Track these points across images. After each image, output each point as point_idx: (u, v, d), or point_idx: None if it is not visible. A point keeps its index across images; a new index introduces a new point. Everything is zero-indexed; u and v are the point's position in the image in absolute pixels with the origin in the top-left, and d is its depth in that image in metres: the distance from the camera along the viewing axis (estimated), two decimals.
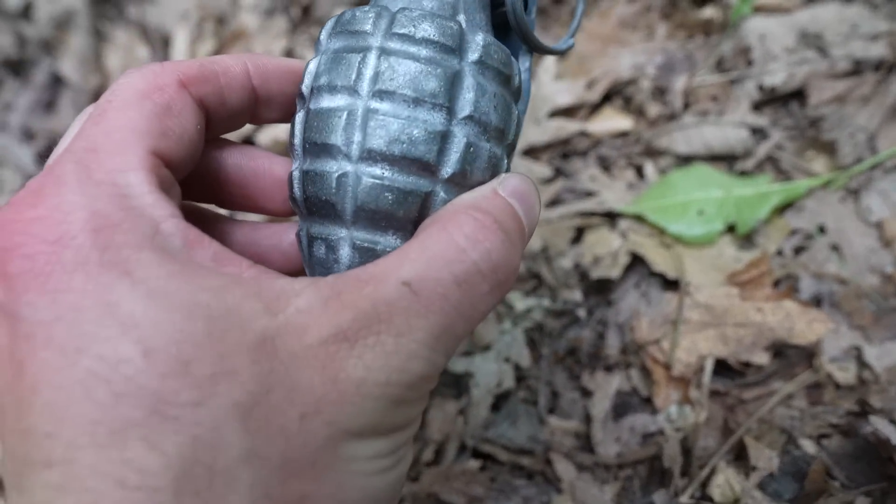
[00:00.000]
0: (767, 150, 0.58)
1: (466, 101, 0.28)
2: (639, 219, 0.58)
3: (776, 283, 0.53)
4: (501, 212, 0.27)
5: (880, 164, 0.55)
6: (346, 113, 0.28)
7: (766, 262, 0.52)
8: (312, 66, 0.30)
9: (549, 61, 0.66)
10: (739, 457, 0.47)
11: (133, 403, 0.20)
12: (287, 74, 0.32)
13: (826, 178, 0.55)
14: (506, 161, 0.31)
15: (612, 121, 0.64)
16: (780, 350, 0.51)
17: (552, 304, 0.57)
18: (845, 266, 0.53)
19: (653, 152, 0.62)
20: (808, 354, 0.50)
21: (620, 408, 0.53)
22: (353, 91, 0.28)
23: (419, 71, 0.28)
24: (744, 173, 0.58)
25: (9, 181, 0.81)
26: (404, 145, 0.27)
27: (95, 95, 0.83)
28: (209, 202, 0.35)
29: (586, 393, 0.54)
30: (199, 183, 0.33)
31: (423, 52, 0.28)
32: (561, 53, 0.35)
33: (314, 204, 0.29)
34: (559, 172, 0.63)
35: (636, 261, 0.57)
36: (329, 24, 0.31)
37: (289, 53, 0.80)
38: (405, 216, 0.28)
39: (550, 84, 0.65)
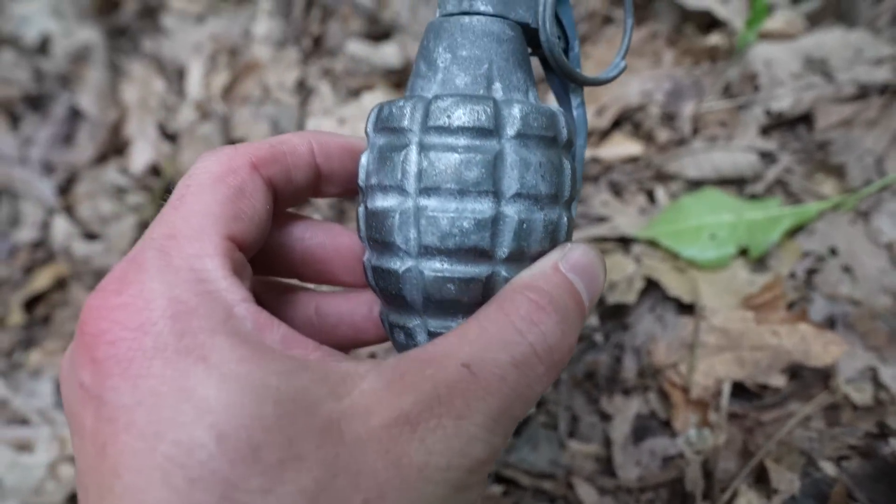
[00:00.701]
0: (777, 173, 0.59)
1: (512, 180, 0.28)
2: (652, 243, 0.59)
3: (790, 306, 0.54)
4: (559, 289, 0.27)
5: (889, 186, 0.56)
6: (398, 213, 0.29)
7: (779, 285, 0.53)
8: (364, 161, 0.31)
9: None
10: (760, 479, 0.48)
11: (205, 489, 0.21)
12: (348, 153, 0.33)
13: (836, 201, 0.56)
14: (566, 217, 0.31)
15: (622, 146, 0.65)
16: (796, 372, 0.52)
17: None
18: (858, 287, 0.54)
19: (663, 177, 0.63)
20: (824, 376, 0.51)
21: (640, 431, 0.53)
22: (401, 190, 0.29)
23: (459, 162, 0.28)
24: (754, 197, 0.59)
25: (30, 214, 0.82)
26: (457, 238, 0.28)
27: (113, 128, 0.85)
28: (292, 277, 0.37)
29: (605, 417, 0.55)
30: (284, 260, 0.35)
31: (461, 141, 0.28)
32: (612, 80, 0.34)
33: (387, 296, 0.31)
34: None
35: (651, 285, 0.58)
36: (372, 117, 0.31)
37: (301, 84, 0.82)
38: (471, 300, 0.29)
39: None
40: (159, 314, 0.23)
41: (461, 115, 0.28)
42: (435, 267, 0.29)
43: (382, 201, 0.30)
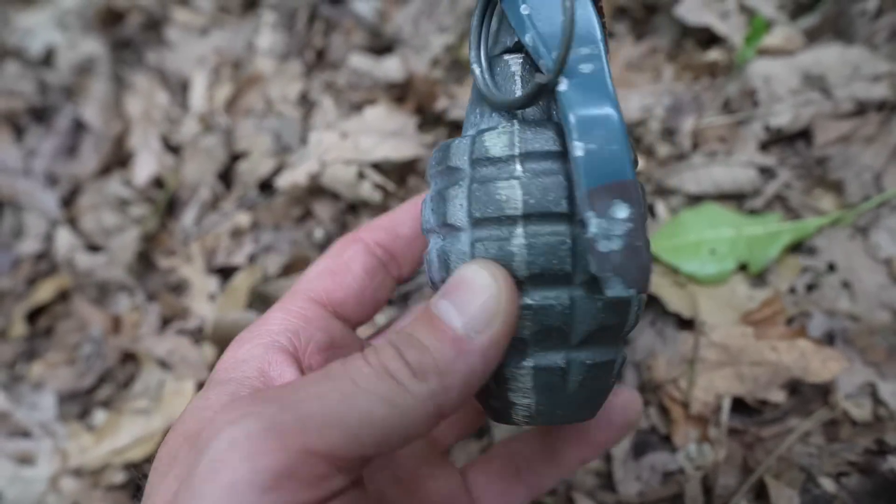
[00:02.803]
0: (776, 188, 0.59)
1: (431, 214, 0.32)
2: (652, 258, 0.59)
3: (789, 321, 0.54)
4: (416, 323, 0.27)
5: (887, 201, 0.56)
6: (427, 254, 0.33)
7: (779, 301, 0.53)
8: None
9: None
10: (760, 495, 0.48)
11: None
12: None
13: (834, 217, 0.57)
14: (468, 246, 0.29)
15: None
16: (795, 387, 0.52)
17: None
18: (857, 303, 0.54)
19: (663, 191, 0.63)
20: (824, 391, 0.51)
21: (640, 446, 0.54)
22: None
23: (431, 203, 0.32)
24: (753, 212, 0.60)
25: (33, 226, 0.83)
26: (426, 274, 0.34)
27: (117, 140, 0.85)
28: None
29: None
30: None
31: (439, 182, 0.32)
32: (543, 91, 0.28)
33: None
34: None
35: (651, 300, 0.58)
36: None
37: (304, 96, 0.82)
38: None
39: None
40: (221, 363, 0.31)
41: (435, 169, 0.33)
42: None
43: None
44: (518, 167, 0.28)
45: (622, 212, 0.25)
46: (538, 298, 0.28)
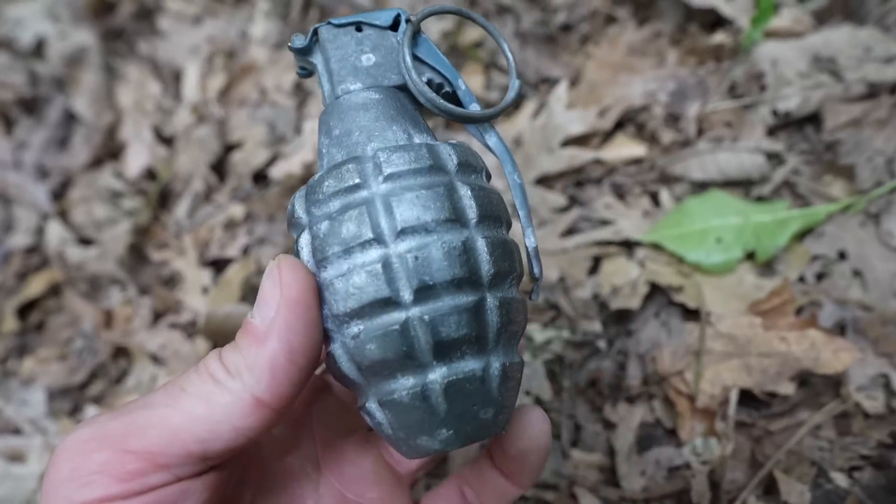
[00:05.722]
0: (784, 175, 0.58)
1: (392, 220, 0.28)
2: (656, 247, 0.58)
3: (799, 311, 0.52)
4: (226, 347, 0.28)
5: None
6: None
7: (788, 290, 0.52)
8: None
9: (561, 90, 0.66)
10: (769, 490, 0.47)
11: None
12: None
13: (845, 203, 0.55)
14: (481, 238, 0.29)
15: (625, 148, 0.63)
16: (805, 379, 0.50)
17: (572, 336, 0.56)
18: (868, 292, 0.52)
19: (668, 179, 0.61)
20: (835, 383, 0.50)
21: (644, 440, 0.52)
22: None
23: (333, 226, 0.29)
24: (760, 199, 0.58)
25: (24, 219, 0.81)
26: (355, 296, 0.29)
27: (108, 132, 0.84)
28: None
29: (609, 425, 0.53)
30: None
31: (335, 204, 0.29)
32: (507, 109, 0.33)
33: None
34: (574, 201, 0.63)
35: (655, 290, 0.56)
36: None
37: (298, 86, 0.81)
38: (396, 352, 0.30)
39: (562, 113, 0.65)
40: None
41: (330, 183, 0.29)
42: (353, 332, 0.28)
43: None
44: None
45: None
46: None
